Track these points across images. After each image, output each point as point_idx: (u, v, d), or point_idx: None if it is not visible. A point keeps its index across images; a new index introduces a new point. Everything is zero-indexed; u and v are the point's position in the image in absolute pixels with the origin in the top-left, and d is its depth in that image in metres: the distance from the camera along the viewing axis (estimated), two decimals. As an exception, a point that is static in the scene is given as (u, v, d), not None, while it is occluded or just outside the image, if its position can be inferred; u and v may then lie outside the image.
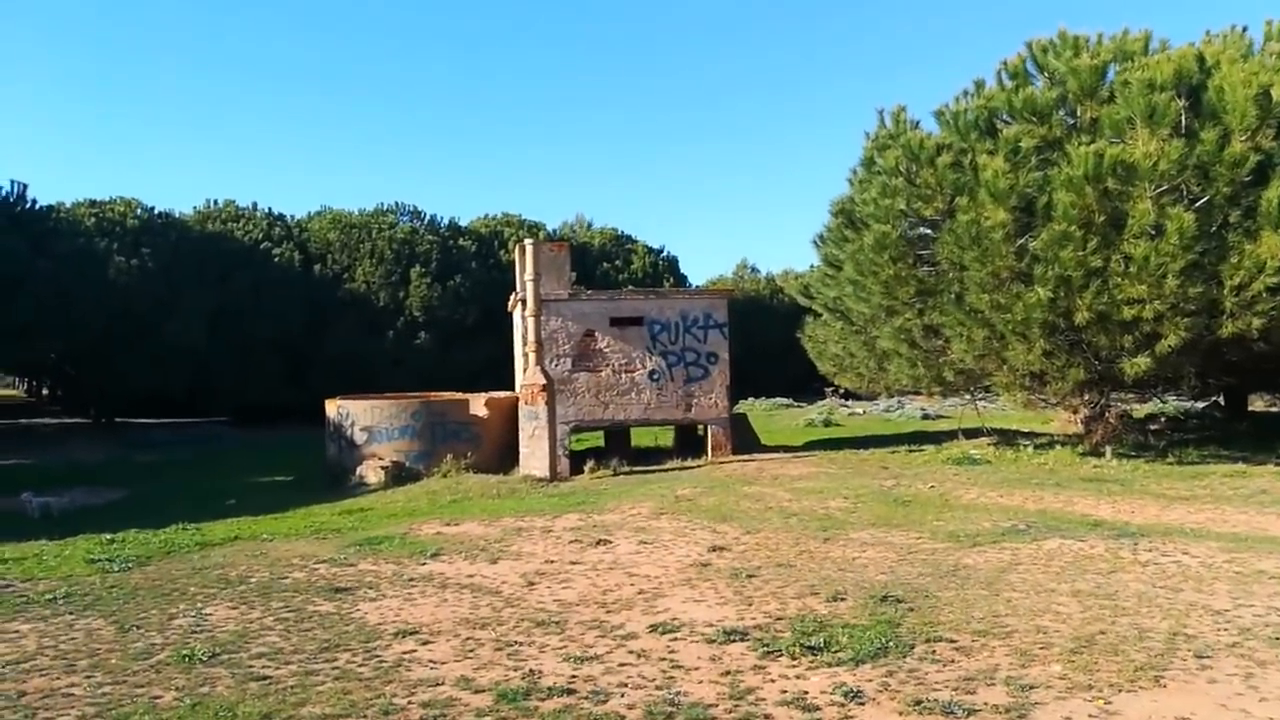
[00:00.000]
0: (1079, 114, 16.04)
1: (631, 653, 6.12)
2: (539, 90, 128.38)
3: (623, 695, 5.33)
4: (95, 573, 9.42)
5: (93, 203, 34.57)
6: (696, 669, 5.74)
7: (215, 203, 39.06)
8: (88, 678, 5.96)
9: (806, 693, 5.24)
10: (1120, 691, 5.09)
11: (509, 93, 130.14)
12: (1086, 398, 16.28)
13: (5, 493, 17.27)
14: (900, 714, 4.89)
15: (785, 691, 5.27)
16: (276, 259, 36.44)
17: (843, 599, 7.20)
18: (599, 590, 7.92)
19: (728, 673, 5.63)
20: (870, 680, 5.39)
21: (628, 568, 8.77)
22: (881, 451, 18.04)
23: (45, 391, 45.66)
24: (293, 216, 40.86)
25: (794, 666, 5.69)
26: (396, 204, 41.90)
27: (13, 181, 28.47)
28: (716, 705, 5.11)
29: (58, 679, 5.94)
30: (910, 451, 17.88)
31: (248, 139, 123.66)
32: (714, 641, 6.25)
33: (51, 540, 12.05)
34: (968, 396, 20.14)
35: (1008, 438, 18.97)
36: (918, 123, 17.98)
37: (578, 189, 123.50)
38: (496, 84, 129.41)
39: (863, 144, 18.28)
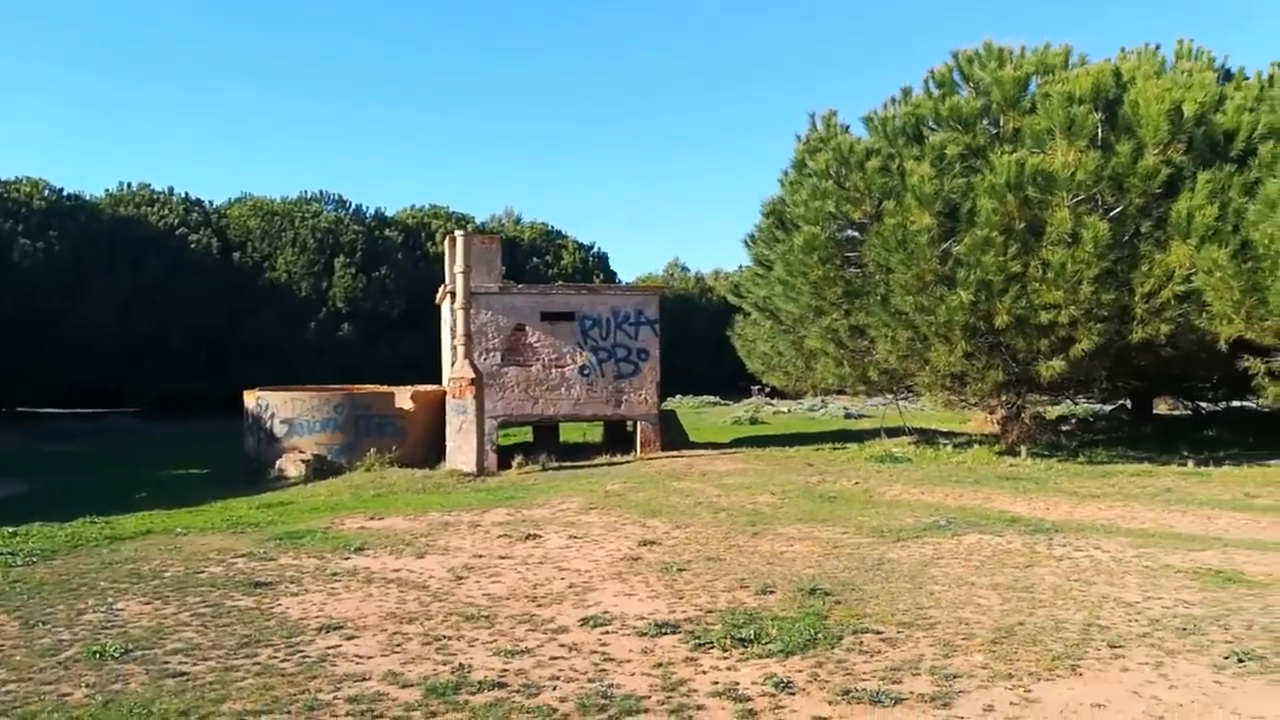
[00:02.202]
0: (1002, 123, 16.59)
1: (563, 646, 6.09)
2: (468, 81, 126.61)
3: (555, 688, 5.29)
4: (-5, 567, 8.94)
5: (-4, 181, 32.82)
6: (628, 661, 5.74)
7: (129, 186, 37.52)
8: (-12, 676, 5.65)
9: (738, 684, 5.29)
10: (1039, 680, 5.26)
11: (437, 83, 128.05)
12: (1004, 399, 16.84)
13: (-107, 484, 16.29)
14: (829, 703, 4.97)
15: (717, 683, 5.30)
16: (194, 246, 35.20)
17: (772, 592, 7.29)
18: (529, 584, 7.86)
19: (660, 665, 5.64)
20: (800, 671, 5.47)
21: (558, 562, 8.72)
22: (807, 449, 18.35)
23: (-62, 378, 43.18)
24: (211, 203, 39.53)
25: (725, 658, 5.74)
26: (320, 192, 40.91)
27: (-94, 155, 26.84)
28: (649, 697, 5.11)
29: (-45, 678, 5.62)
30: (835, 449, 18.24)
31: (164, 122, 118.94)
32: (645, 634, 6.26)
33: (-54, 534, 11.39)
34: (891, 396, 20.62)
35: (928, 437, 19.50)
36: (848, 127, 18.37)
37: (507, 183, 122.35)
38: (425, 73, 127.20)
39: (794, 146, 18.58)
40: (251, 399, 18.57)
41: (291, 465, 17.18)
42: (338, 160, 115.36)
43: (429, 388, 19.69)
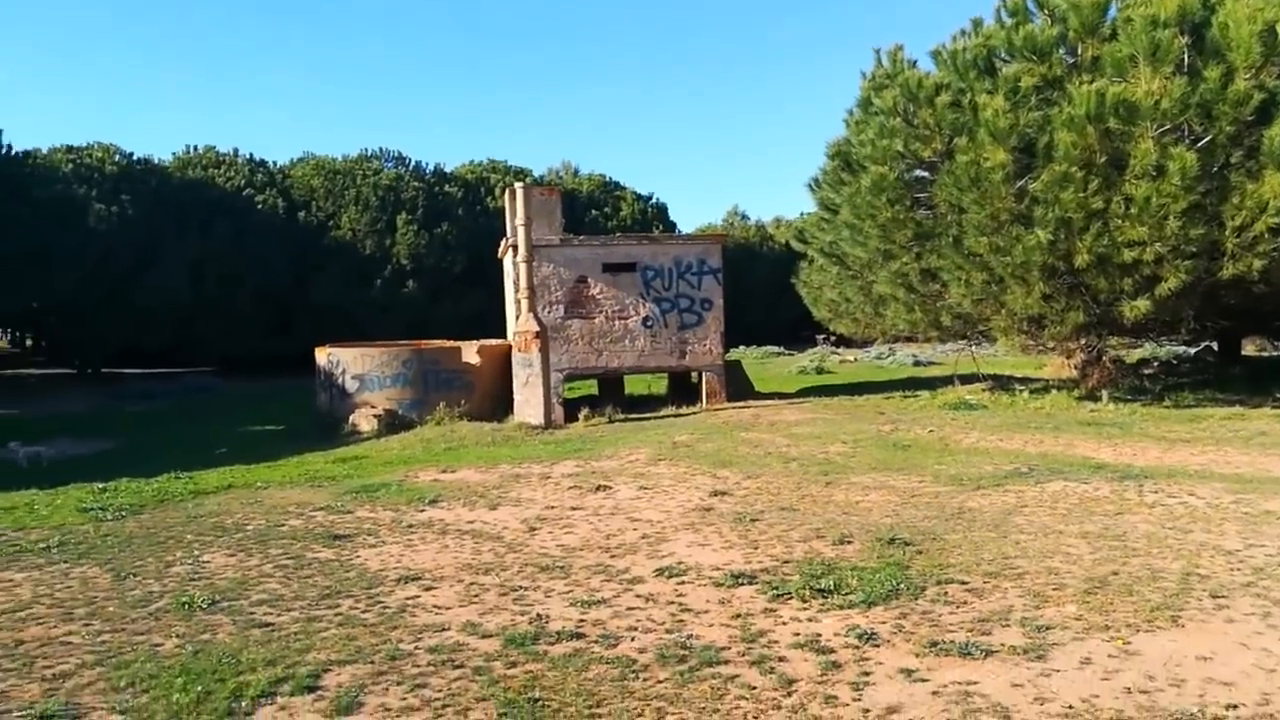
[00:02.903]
0: (1080, 52, 15.71)
1: (639, 597, 6.04)
2: (523, 33, 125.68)
3: (633, 639, 5.25)
4: (88, 521, 9.26)
5: (70, 148, 33.73)
6: (706, 612, 5.67)
7: (195, 149, 38.27)
8: (86, 625, 5.84)
9: (819, 635, 5.17)
10: (1138, 632, 5.04)
11: (493, 36, 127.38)
12: (1084, 342, 16.21)
13: (-9, 443, 17.03)
14: (916, 655, 4.82)
15: (798, 634, 5.20)
16: (260, 206, 35.82)
17: (849, 542, 7.14)
18: (602, 535, 7.84)
19: (738, 616, 5.55)
20: (883, 622, 5.33)
21: (629, 513, 8.68)
22: (877, 397, 18.00)
23: (29, 342, 45.10)
24: (275, 163, 40.15)
25: (805, 609, 5.62)
26: (381, 150, 41.25)
27: (-14, 126, 27.69)
28: (729, 648, 5.03)
29: (55, 627, 5.82)
30: (906, 397, 17.85)
31: (229, 84, 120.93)
32: (722, 585, 6.17)
33: (42, 490, 11.86)
34: (964, 342, 20.07)
35: (1003, 383, 18.97)
36: (915, 62, 17.64)
37: (564, 135, 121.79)
38: (480, 27, 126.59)
39: (859, 84, 17.92)
40: (323, 356, 18.89)
41: (364, 420, 17.49)
42: (397, 116, 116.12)
43: (494, 342, 19.79)
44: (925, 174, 16.27)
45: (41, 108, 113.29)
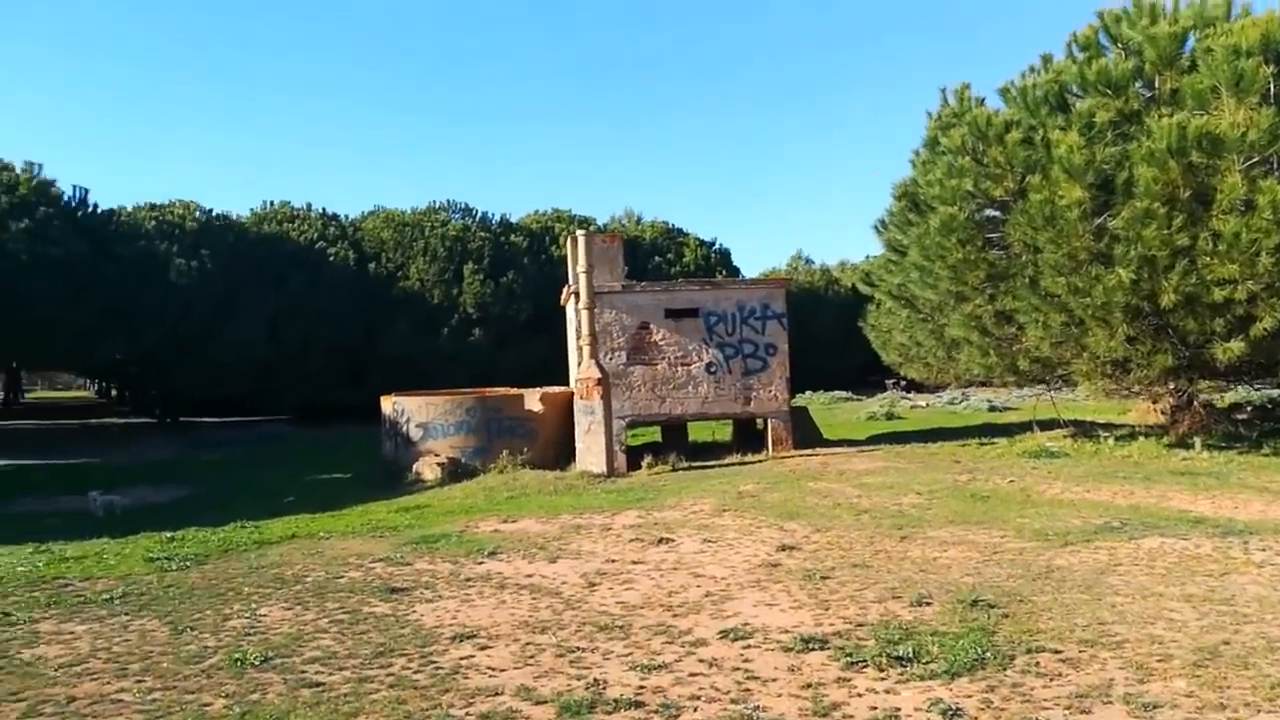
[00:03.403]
0: (1157, 85, 15.15)
1: (702, 661, 5.70)
2: (585, 85, 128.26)
3: (695, 709, 4.92)
4: (153, 571, 9.29)
5: (153, 206, 35.24)
6: (774, 680, 5.30)
7: (271, 204, 39.62)
8: (138, 682, 5.74)
9: (898, 710, 4.76)
10: (1258, 712, 4.51)
11: (555, 87, 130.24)
12: (1173, 386, 15.38)
13: (74, 491, 17.51)
14: (1008, 735, 4.39)
15: (875, 708, 4.80)
16: (332, 259, 36.77)
17: (928, 603, 6.68)
18: (664, 592, 7.52)
19: (809, 685, 5.17)
20: (969, 696, 4.89)
21: (692, 568, 8.34)
22: (951, 445, 17.32)
23: (114, 392, 46.83)
24: (347, 216, 41.29)
25: (882, 679, 5.21)
26: (448, 201, 42.07)
27: (75, 186, 29.14)
28: (800, 722, 4.66)
29: (108, 684, 5.73)
30: (982, 444, 17.13)
31: (300, 142, 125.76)
32: (791, 650, 5.79)
33: (113, 539, 12.04)
34: (1043, 386, 19.28)
35: (1085, 429, 18.11)
36: (983, 100, 17.23)
37: (627, 183, 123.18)
38: (543, 79, 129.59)
39: (925, 124, 17.58)
40: (388, 404, 19.04)
41: (427, 468, 17.49)
42: (463, 169, 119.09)
43: (557, 389, 19.72)
44: (997, 213, 15.78)
45: (125, 168, 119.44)
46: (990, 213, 16.22)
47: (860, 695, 4.99)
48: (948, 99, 17.22)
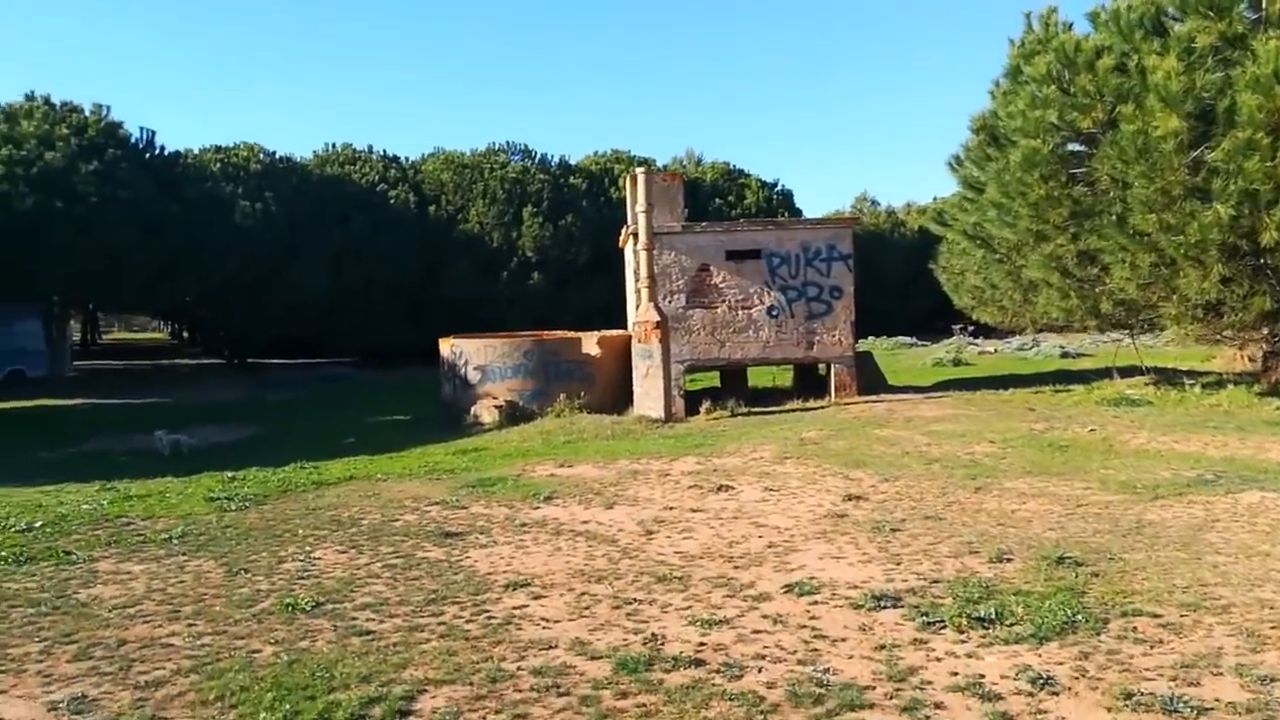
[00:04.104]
0: (1264, 6, 13.89)
1: (766, 617, 5.38)
2: (645, 22, 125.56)
3: (759, 670, 4.61)
4: (213, 511, 9.32)
5: (218, 148, 35.53)
6: (843, 640, 4.96)
7: (333, 146, 39.65)
8: (189, 625, 5.66)
9: (983, 676, 4.39)
10: (1396, 691, 4.03)
11: (615, 26, 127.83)
12: (1267, 331, 14.39)
13: (145, 430, 17.89)
14: (1108, 710, 3.98)
15: (956, 674, 4.43)
16: (393, 201, 36.75)
17: (1008, 559, 6.25)
18: (724, 542, 7.21)
19: (882, 647, 4.82)
20: (1061, 663, 4.49)
21: (754, 517, 8.01)
22: (1024, 392, 16.59)
23: (185, 334, 48.05)
24: (407, 158, 41.15)
25: (961, 642, 4.83)
26: (507, 143, 41.60)
27: (142, 128, 29.41)
28: (873, 687, 4.32)
29: (159, 626, 5.66)
30: (1057, 391, 16.38)
31: (362, 82, 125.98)
32: (861, 607, 5.44)
33: (178, 477, 12.21)
34: (1122, 332, 18.31)
35: (1168, 376, 17.18)
36: (1070, 25, 16.05)
37: (688, 124, 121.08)
38: (603, 17, 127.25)
39: (1007, 52, 16.47)
40: (447, 347, 18.98)
41: (485, 411, 17.43)
42: (523, 109, 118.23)
43: (615, 333, 19.41)
44: (1083, 147, 14.78)
45: (192, 111, 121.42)
46: (1075, 146, 15.21)
47: (939, 659, 4.62)
48: (1032, 25, 16.08)
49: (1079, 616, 5.03)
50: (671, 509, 8.51)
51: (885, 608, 5.40)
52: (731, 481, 9.61)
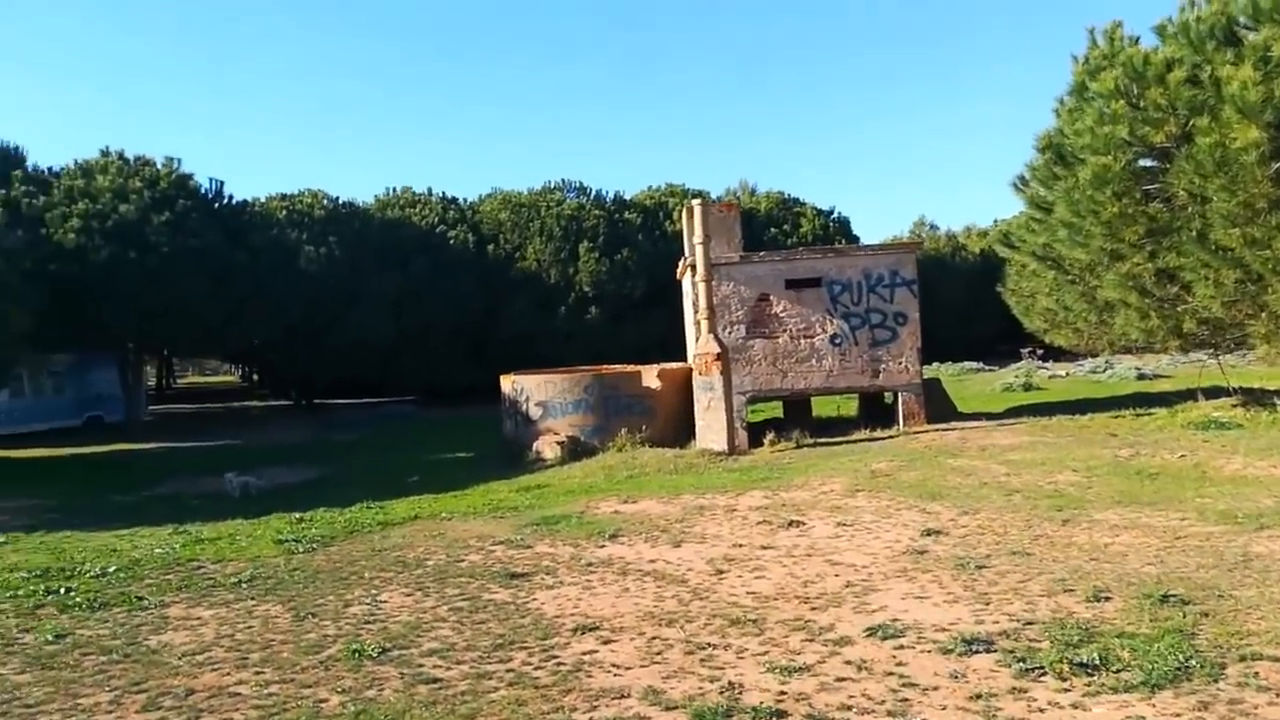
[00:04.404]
0: (1346, 9, 13.29)
1: (849, 663, 5.10)
2: (694, 55, 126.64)
3: (847, 721, 4.33)
4: (281, 554, 9.34)
5: (283, 196, 36.51)
6: (935, 689, 4.65)
7: (394, 190, 40.50)
8: (257, 674, 5.58)
9: (1092, 729, 4.05)
10: None
11: (664, 60, 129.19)
12: (1367, 348, 13.58)
13: (216, 472, 18.23)
14: (1238, 769, 3.62)
15: (1062, 727, 4.10)
16: (452, 241, 37.30)
17: (1107, 598, 5.86)
18: (798, 581, 6.92)
19: (978, 696, 4.50)
20: (1178, 715, 4.13)
21: (828, 554, 7.71)
22: (1102, 416, 15.92)
23: (255, 377, 49.24)
24: (465, 199, 41.82)
25: (1065, 690, 4.49)
26: (563, 181, 42.01)
27: (211, 179, 30.38)
28: (972, 742, 4.01)
29: (228, 675, 5.60)
30: (1138, 415, 15.68)
31: (421, 126, 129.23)
32: (951, 651, 5.12)
33: (247, 519, 12.34)
34: (1207, 351, 17.50)
35: (1257, 397, 16.32)
36: (1137, 39, 15.58)
37: (741, 154, 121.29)
38: (652, 53, 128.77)
39: (1070, 69, 16.03)
40: (508, 384, 19.01)
41: (547, 447, 17.36)
42: (577, 148, 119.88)
43: (675, 365, 19.25)
44: (1156, 162, 14.24)
45: (260, 161, 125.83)
46: (1146, 162, 14.67)
47: (1042, 711, 4.29)
48: (1097, 40, 15.63)
49: (1192, 661, 4.65)
50: (741, 546, 8.25)
51: (977, 652, 5.07)
52: (802, 516, 9.31)
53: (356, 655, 5.77)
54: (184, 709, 5.04)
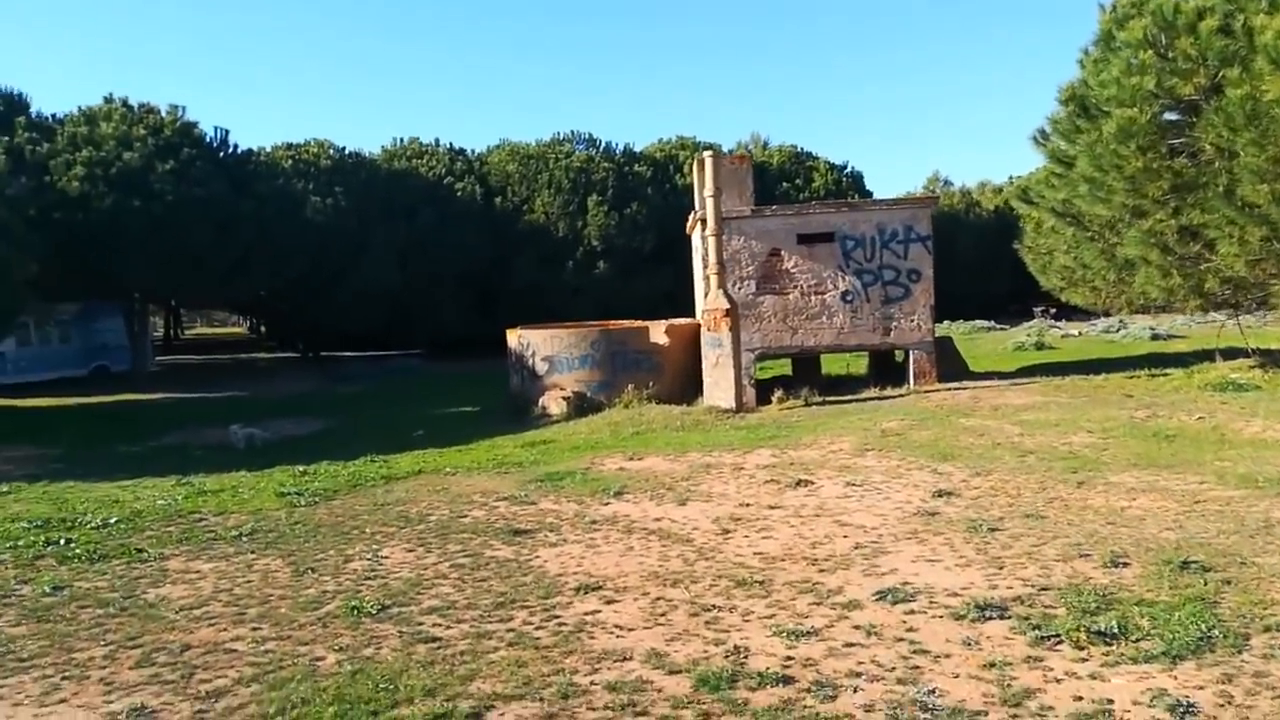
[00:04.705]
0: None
1: (858, 628, 4.96)
2: (712, 5, 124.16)
3: (855, 689, 4.20)
4: (283, 507, 9.26)
5: (289, 145, 36.07)
6: (947, 656, 4.51)
7: (401, 140, 39.97)
8: (254, 629, 5.49)
9: (1111, 701, 3.90)
10: None
11: (680, 10, 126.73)
12: (1393, 309, 13.25)
13: (221, 423, 18.17)
14: (1266, 747, 3.47)
15: (1080, 698, 3.95)
16: (459, 193, 36.87)
17: (1124, 563, 5.70)
18: (806, 542, 6.78)
19: (991, 664, 4.36)
20: (1201, 687, 3.97)
21: (837, 514, 7.56)
22: (1117, 376, 15.66)
23: (262, 328, 49.17)
24: (473, 151, 41.26)
25: (1082, 660, 4.34)
26: (572, 133, 41.40)
27: (216, 128, 30.00)
28: (986, 714, 3.87)
29: (224, 630, 5.51)
30: (1153, 376, 15.42)
31: (428, 76, 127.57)
32: (964, 617, 4.97)
33: (251, 471, 12.26)
34: (1224, 312, 17.17)
35: (1276, 359, 16.04)
36: (1167, -14, 15.01)
37: (752, 107, 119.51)
38: (667, 2, 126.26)
39: (1096, 18, 15.49)
40: (514, 338, 18.82)
41: (553, 402, 17.22)
42: (587, 98, 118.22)
43: (683, 321, 19.01)
44: (1183, 116, 13.80)
45: (264, 110, 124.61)
46: (1174, 116, 14.22)
47: (1059, 680, 4.14)
48: (1124, -14, 15.08)
49: (1215, 631, 4.49)
50: (748, 505, 8.11)
51: (991, 618, 4.92)
52: (810, 476, 9.15)
53: (355, 612, 5.66)
54: (178, 665, 4.94)
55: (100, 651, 5.23)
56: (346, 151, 36.94)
